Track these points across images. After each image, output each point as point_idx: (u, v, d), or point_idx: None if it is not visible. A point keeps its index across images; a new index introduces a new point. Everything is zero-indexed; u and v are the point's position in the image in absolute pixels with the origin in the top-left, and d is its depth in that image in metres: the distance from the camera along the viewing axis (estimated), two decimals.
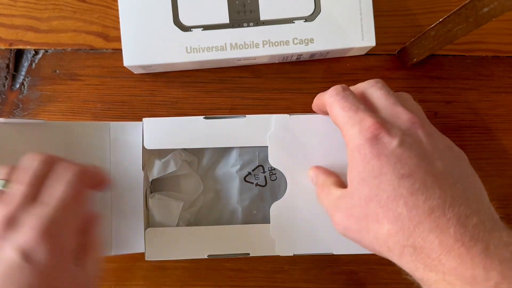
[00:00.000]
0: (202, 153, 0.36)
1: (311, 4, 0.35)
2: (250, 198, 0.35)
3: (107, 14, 0.39)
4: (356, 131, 0.26)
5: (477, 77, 0.39)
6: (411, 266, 0.24)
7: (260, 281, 0.38)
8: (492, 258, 0.21)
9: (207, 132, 0.33)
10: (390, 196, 0.24)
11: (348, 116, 0.26)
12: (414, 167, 0.24)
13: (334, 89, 0.28)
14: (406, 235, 0.23)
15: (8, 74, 0.38)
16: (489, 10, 0.27)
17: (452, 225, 0.23)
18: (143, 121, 0.33)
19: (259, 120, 0.33)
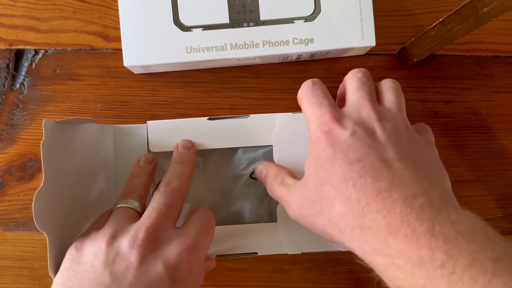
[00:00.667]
0: (207, 154, 0.36)
1: (311, 4, 0.35)
2: (256, 196, 0.36)
3: (107, 14, 0.39)
4: (315, 125, 0.28)
5: (477, 77, 0.39)
6: (361, 250, 0.25)
7: (260, 281, 0.38)
8: (437, 238, 0.21)
9: (211, 133, 0.33)
10: (341, 179, 0.25)
11: (312, 111, 0.29)
12: (363, 153, 0.25)
13: (305, 84, 0.31)
14: (356, 216, 0.24)
15: (8, 74, 0.38)
16: (489, 10, 0.27)
17: (398, 206, 0.23)
18: (147, 124, 0.33)
19: (262, 120, 0.33)
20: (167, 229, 0.27)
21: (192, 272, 0.26)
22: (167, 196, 0.28)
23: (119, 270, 0.24)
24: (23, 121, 0.38)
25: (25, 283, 0.38)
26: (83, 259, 0.25)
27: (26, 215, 0.38)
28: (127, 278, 0.24)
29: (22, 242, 0.38)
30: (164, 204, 0.28)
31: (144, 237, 0.25)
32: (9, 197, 0.38)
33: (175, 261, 0.25)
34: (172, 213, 0.28)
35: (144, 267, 0.24)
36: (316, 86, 0.30)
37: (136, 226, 0.26)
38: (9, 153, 0.38)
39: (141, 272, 0.24)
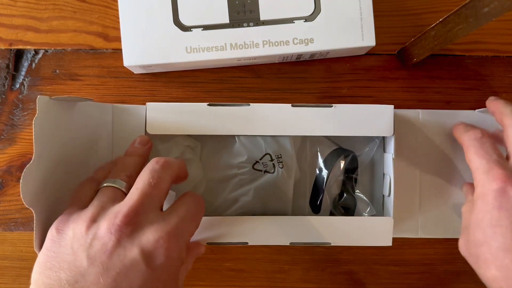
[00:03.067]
0: (205, 140, 0.36)
1: (311, 4, 0.35)
2: (252, 187, 0.36)
3: (107, 14, 0.39)
4: (484, 180, 0.28)
5: (477, 77, 0.39)
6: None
7: (260, 281, 0.38)
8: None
9: (211, 119, 0.33)
10: (501, 246, 0.26)
11: (480, 163, 0.28)
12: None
13: (474, 133, 0.30)
14: (509, 285, 0.25)
15: (8, 74, 0.38)
16: (489, 10, 0.27)
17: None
18: (147, 106, 0.33)
19: (263, 109, 0.33)
20: (149, 212, 0.26)
21: (170, 259, 0.25)
22: (153, 175, 0.27)
23: (96, 254, 0.24)
24: (23, 121, 0.38)
25: (25, 283, 0.38)
26: (63, 241, 0.25)
27: (26, 215, 0.38)
28: (103, 261, 0.24)
29: (22, 242, 0.38)
30: (149, 184, 0.26)
31: (122, 222, 0.25)
32: (9, 197, 0.38)
33: (152, 247, 0.24)
34: (157, 194, 0.27)
35: (121, 251, 0.24)
36: (485, 139, 0.30)
37: (117, 209, 0.26)
38: (9, 153, 0.38)
39: (118, 256, 0.24)
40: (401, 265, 0.39)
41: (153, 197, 0.26)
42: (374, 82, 0.39)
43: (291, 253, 0.38)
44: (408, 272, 0.39)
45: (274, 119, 0.33)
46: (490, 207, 0.27)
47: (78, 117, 0.32)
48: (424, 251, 0.39)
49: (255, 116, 0.33)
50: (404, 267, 0.39)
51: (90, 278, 0.23)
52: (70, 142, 0.31)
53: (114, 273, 0.23)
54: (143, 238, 0.25)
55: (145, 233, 0.25)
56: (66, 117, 0.30)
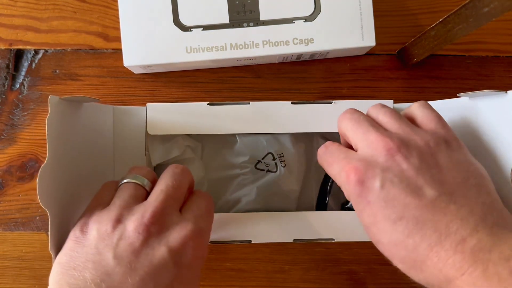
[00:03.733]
0: (206, 140, 0.36)
1: (311, 4, 0.35)
2: (254, 185, 0.36)
3: (107, 14, 0.39)
4: (343, 180, 0.26)
5: (477, 77, 0.39)
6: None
7: (260, 281, 0.38)
8: (491, 279, 0.21)
9: (211, 119, 0.33)
10: (390, 242, 0.25)
11: (331, 161, 0.28)
12: (402, 207, 0.24)
13: (329, 144, 0.29)
14: (418, 273, 0.24)
15: (8, 74, 0.38)
16: (489, 10, 0.27)
17: (451, 255, 0.22)
18: (147, 107, 0.33)
19: (263, 107, 0.33)
20: (173, 213, 0.26)
21: (196, 258, 0.26)
22: (176, 178, 0.28)
23: (123, 253, 0.24)
24: (23, 121, 0.38)
25: (25, 283, 0.38)
26: (87, 241, 0.25)
27: (26, 215, 0.38)
28: (131, 261, 0.24)
29: (22, 242, 0.38)
30: (173, 187, 0.27)
31: (149, 222, 0.25)
32: (9, 197, 0.38)
33: (179, 246, 0.25)
34: (178, 197, 0.27)
35: (149, 251, 0.24)
36: (334, 145, 0.28)
37: (143, 208, 0.26)
38: (9, 153, 0.38)
39: (145, 256, 0.24)
40: None
41: (175, 199, 0.27)
42: (374, 82, 0.39)
43: (291, 253, 0.38)
44: None
45: (274, 117, 0.33)
46: (362, 207, 0.26)
47: (82, 118, 0.32)
48: None
49: (255, 114, 0.33)
50: None
51: (117, 277, 0.23)
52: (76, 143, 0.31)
53: (142, 273, 0.23)
54: (170, 237, 0.25)
55: (171, 233, 0.25)
56: (73, 117, 0.30)
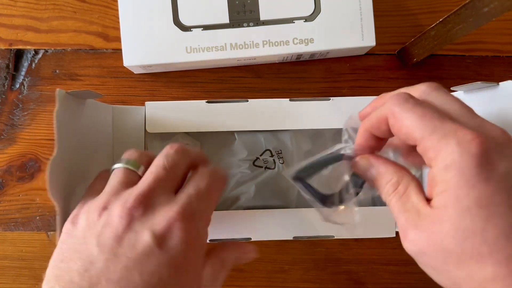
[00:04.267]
0: (205, 138, 0.37)
1: (311, 4, 0.35)
2: (254, 183, 0.36)
3: (107, 14, 0.39)
4: (452, 144, 0.20)
5: (477, 77, 0.39)
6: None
7: (260, 281, 0.38)
8: None
9: (210, 116, 0.33)
10: (503, 233, 0.19)
11: (433, 125, 0.21)
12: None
13: (399, 96, 0.23)
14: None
15: (8, 74, 0.38)
16: (489, 10, 0.27)
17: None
18: (146, 105, 0.33)
19: (261, 105, 0.33)
20: (163, 195, 0.24)
21: (188, 242, 0.23)
22: (168, 159, 0.26)
23: (107, 241, 0.22)
24: (23, 121, 0.38)
25: (25, 283, 0.38)
26: (76, 231, 0.24)
27: (26, 215, 0.38)
28: (113, 247, 0.22)
29: (22, 242, 0.38)
30: (164, 168, 0.25)
31: (132, 205, 0.23)
32: (9, 197, 0.38)
33: (163, 228, 0.23)
34: (172, 178, 0.26)
35: (132, 236, 0.23)
36: (419, 100, 0.23)
37: (129, 193, 0.24)
38: (9, 153, 0.38)
39: (129, 241, 0.22)
40: (401, 265, 0.39)
41: (167, 181, 0.25)
42: (374, 82, 0.39)
43: (291, 253, 0.38)
44: (408, 272, 0.39)
45: (273, 114, 0.33)
46: (475, 181, 0.20)
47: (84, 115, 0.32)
48: None
49: (254, 112, 0.33)
50: (405, 267, 0.39)
51: (100, 265, 0.22)
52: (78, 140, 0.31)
53: (125, 259, 0.22)
54: (155, 220, 0.23)
55: (156, 216, 0.23)
56: (76, 114, 0.31)
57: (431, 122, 0.21)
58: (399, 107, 0.22)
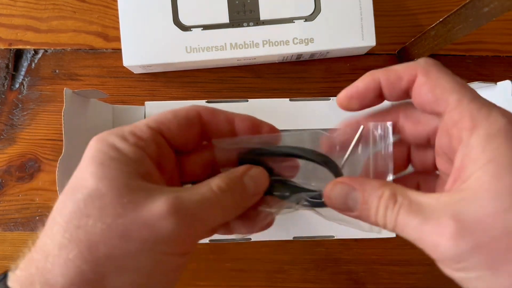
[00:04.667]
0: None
1: (311, 4, 0.35)
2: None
3: (106, 14, 0.39)
4: (496, 113, 0.17)
5: (477, 77, 0.39)
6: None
7: (260, 281, 0.38)
8: None
9: None
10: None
11: (472, 93, 0.18)
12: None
13: (430, 59, 0.20)
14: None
15: (7, 74, 0.38)
16: (489, 10, 0.27)
17: None
18: (145, 105, 0.33)
19: (261, 105, 0.33)
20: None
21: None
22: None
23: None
24: (23, 121, 0.38)
25: None
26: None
27: (25, 215, 0.38)
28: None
29: (21, 242, 0.38)
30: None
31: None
32: (9, 197, 0.38)
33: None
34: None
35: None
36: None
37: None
38: (8, 153, 0.38)
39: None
40: (401, 265, 0.39)
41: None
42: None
43: (291, 253, 0.38)
44: (408, 272, 0.39)
45: (273, 114, 0.33)
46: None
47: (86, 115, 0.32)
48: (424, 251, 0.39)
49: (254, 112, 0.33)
50: (405, 267, 0.39)
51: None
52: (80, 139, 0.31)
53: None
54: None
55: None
56: (79, 113, 0.31)
57: (470, 89, 0.18)
58: (435, 67, 0.19)
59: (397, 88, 0.20)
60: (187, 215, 0.18)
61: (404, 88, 0.20)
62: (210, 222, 0.20)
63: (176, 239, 0.18)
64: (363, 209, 0.20)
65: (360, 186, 0.20)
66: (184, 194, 0.19)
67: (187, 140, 0.22)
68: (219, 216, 0.20)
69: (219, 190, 0.20)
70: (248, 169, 0.22)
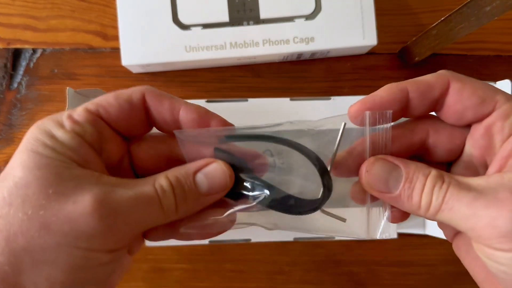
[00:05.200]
0: None
1: (311, 2, 0.34)
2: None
3: (105, 13, 0.38)
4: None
5: (479, 76, 0.39)
6: None
7: (260, 282, 0.38)
8: None
9: None
10: None
11: (505, 93, 0.19)
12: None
13: (447, 71, 0.20)
14: None
15: (6, 73, 0.38)
16: (491, 9, 0.27)
17: None
18: None
19: (261, 104, 0.33)
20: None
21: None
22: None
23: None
24: (21, 121, 0.38)
25: None
26: None
27: None
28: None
29: None
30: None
31: None
32: None
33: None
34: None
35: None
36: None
37: None
38: (7, 153, 0.38)
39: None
40: (402, 266, 0.39)
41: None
42: (375, 81, 0.39)
43: (291, 254, 0.38)
44: (409, 273, 0.39)
45: (273, 114, 0.33)
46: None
47: None
48: (425, 251, 0.39)
49: (254, 111, 0.33)
50: (405, 268, 0.39)
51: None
52: None
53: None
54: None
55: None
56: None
57: (502, 91, 0.19)
58: (460, 75, 0.20)
59: (429, 98, 0.19)
60: (112, 214, 0.17)
61: (436, 97, 0.19)
62: (143, 222, 0.19)
63: (99, 236, 0.17)
64: (406, 188, 0.18)
65: (404, 164, 0.19)
66: (116, 190, 0.18)
67: (130, 125, 0.21)
68: (155, 217, 0.19)
69: (160, 190, 0.19)
70: (204, 165, 0.20)
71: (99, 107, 0.20)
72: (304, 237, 0.33)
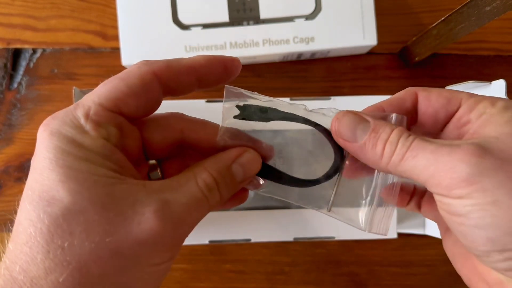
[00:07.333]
0: None
1: (311, 2, 0.34)
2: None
3: (105, 12, 0.38)
4: (501, 99, 0.19)
5: (479, 76, 0.39)
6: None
7: (260, 283, 0.38)
8: None
9: (209, 115, 0.33)
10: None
11: (472, 94, 0.20)
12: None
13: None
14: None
15: (5, 73, 0.38)
16: (492, 8, 0.27)
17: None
18: None
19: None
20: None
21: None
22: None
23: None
24: (21, 121, 0.38)
25: None
26: None
27: None
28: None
29: None
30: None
31: None
32: (7, 198, 0.37)
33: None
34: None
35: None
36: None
37: None
38: (6, 153, 0.38)
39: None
40: (402, 267, 0.39)
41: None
42: (376, 81, 0.39)
43: (291, 254, 0.38)
44: (409, 273, 0.39)
45: None
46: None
47: None
48: (425, 252, 0.39)
49: None
50: (406, 269, 0.39)
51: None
52: None
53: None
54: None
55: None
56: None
57: (465, 92, 0.20)
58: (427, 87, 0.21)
59: (403, 110, 0.21)
60: (175, 227, 0.18)
61: (409, 108, 0.21)
62: (195, 222, 0.19)
63: (167, 250, 0.18)
64: (372, 137, 0.19)
65: (373, 120, 0.20)
66: (168, 200, 0.18)
67: (147, 109, 0.20)
68: (204, 214, 0.20)
69: (207, 189, 0.19)
70: (239, 154, 0.21)
71: (116, 101, 0.19)
72: (304, 237, 0.33)
